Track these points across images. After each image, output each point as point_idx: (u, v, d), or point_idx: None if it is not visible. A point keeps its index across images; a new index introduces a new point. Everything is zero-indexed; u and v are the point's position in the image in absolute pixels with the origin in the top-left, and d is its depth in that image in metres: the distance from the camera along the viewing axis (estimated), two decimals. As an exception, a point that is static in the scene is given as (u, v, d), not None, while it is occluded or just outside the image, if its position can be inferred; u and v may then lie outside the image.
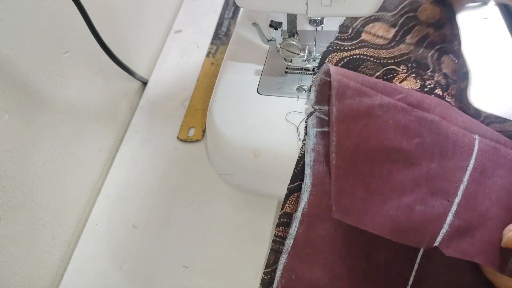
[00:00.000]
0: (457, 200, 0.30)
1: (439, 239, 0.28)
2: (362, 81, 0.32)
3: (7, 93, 0.36)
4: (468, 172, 0.30)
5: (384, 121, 0.31)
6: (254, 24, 0.38)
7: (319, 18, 0.37)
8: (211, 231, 0.43)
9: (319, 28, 0.38)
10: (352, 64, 0.37)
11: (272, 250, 0.34)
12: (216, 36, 0.61)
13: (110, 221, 0.46)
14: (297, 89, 0.39)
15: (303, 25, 0.42)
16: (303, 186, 0.33)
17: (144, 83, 0.58)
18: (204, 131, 0.51)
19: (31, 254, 0.40)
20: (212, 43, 0.60)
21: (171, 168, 0.49)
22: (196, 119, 0.52)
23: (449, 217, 0.29)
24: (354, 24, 0.41)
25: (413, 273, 0.31)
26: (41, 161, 0.41)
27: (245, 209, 0.44)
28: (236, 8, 0.64)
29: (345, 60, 0.38)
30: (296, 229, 0.32)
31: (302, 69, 0.41)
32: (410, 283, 0.31)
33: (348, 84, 0.32)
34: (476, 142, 0.31)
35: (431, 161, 0.30)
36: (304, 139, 0.35)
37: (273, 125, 0.36)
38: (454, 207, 0.29)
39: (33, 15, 0.37)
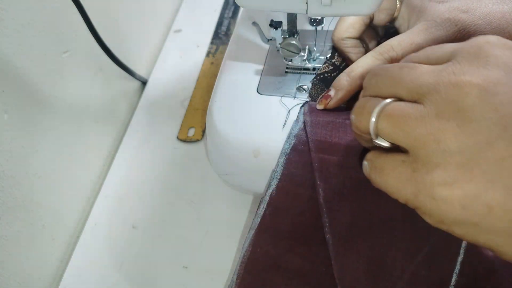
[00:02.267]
0: (459, 259, 0.29)
1: None
2: (343, 152, 0.32)
3: (7, 93, 0.36)
4: None
5: (373, 190, 0.31)
6: (254, 23, 0.38)
7: (319, 18, 0.37)
8: (211, 231, 0.43)
9: (319, 28, 0.38)
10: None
11: None
12: (216, 36, 0.61)
13: (110, 221, 0.46)
14: (297, 89, 0.39)
15: (303, 25, 0.42)
16: (273, 173, 0.34)
17: (144, 83, 0.58)
18: (204, 131, 0.51)
19: (30, 254, 0.40)
20: (212, 43, 0.60)
21: (171, 168, 0.49)
22: (196, 119, 0.52)
23: (453, 278, 0.29)
24: None
25: None
26: (41, 161, 0.41)
27: (245, 209, 0.44)
28: (236, 8, 0.64)
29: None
30: (263, 210, 0.33)
31: (302, 68, 0.41)
32: None
33: (329, 160, 0.32)
34: None
35: None
36: (285, 124, 0.36)
37: (273, 125, 0.36)
38: (457, 267, 0.29)
39: (33, 15, 0.37)
